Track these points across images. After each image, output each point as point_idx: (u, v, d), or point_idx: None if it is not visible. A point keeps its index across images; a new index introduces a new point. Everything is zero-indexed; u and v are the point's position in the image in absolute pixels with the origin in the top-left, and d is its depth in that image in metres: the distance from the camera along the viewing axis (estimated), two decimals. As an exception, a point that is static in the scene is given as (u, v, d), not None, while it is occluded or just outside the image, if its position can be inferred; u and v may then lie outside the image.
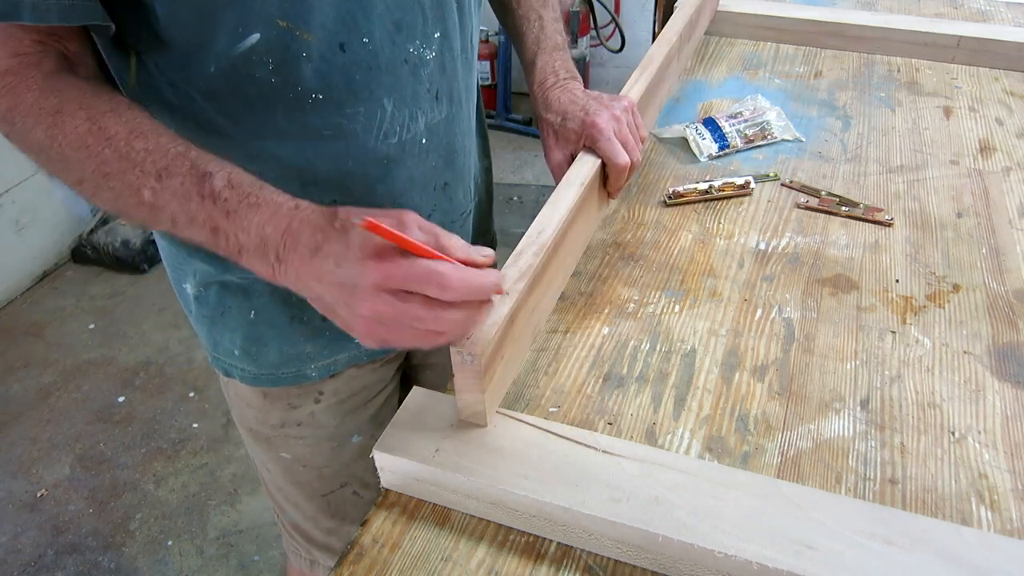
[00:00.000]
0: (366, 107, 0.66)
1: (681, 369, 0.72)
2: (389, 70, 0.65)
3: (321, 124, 0.65)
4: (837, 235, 0.89)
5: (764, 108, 1.10)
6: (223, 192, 0.54)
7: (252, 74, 0.61)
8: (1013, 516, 0.59)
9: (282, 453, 0.88)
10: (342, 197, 0.69)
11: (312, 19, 0.59)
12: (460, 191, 0.80)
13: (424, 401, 0.64)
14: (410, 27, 0.65)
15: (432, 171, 0.74)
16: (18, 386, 2.19)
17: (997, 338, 0.75)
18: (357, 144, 0.67)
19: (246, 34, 0.59)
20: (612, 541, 0.56)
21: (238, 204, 0.54)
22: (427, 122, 0.71)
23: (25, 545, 1.76)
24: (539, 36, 0.86)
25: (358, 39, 0.62)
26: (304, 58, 0.61)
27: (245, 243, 0.54)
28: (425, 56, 0.68)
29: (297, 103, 0.63)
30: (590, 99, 0.81)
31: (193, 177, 0.54)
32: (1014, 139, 1.07)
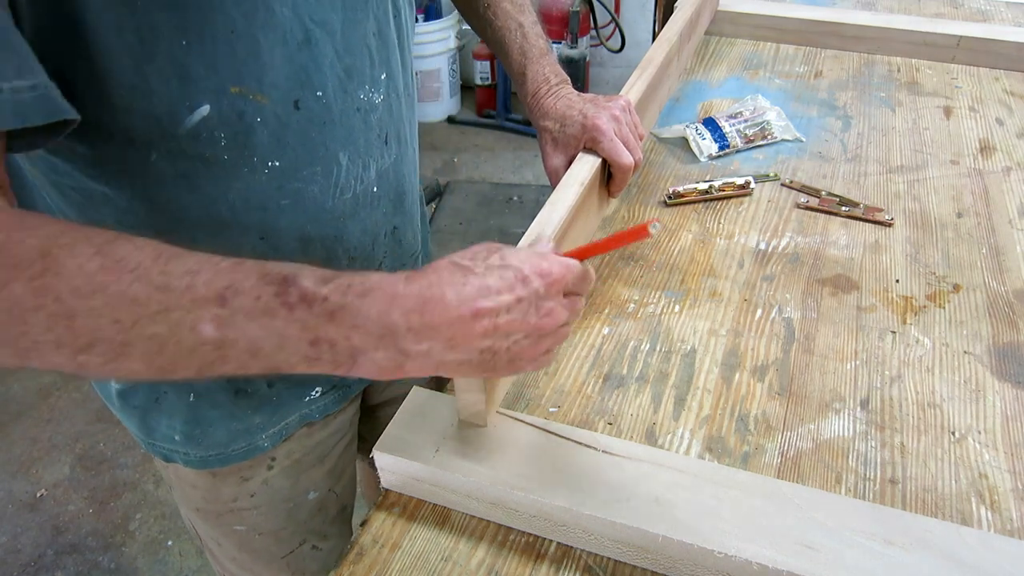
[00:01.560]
0: (323, 165, 0.62)
1: (681, 369, 0.72)
2: (342, 121, 0.61)
3: (278, 193, 0.60)
4: (837, 235, 0.89)
5: (764, 108, 1.10)
6: (319, 291, 0.43)
7: (201, 153, 0.54)
8: (1013, 516, 0.59)
9: (236, 527, 0.83)
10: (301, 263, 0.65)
11: (265, 79, 0.54)
12: (409, 233, 0.77)
13: (424, 401, 0.64)
14: (359, 72, 0.61)
15: (383, 217, 0.71)
16: (18, 386, 2.19)
17: (997, 338, 0.75)
18: (316, 206, 0.63)
19: (194, 107, 0.51)
20: (612, 541, 0.56)
21: (343, 298, 0.43)
22: (378, 169, 0.67)
23: (25, 545, 1.76)
24: (523, 45, 0.84)
25: (311, 93, 0.58)
26: (259, 123, 0.55)
27: (361, 344, 0.44)
28: (374, 100, 0.64)
29: (252, 176, 0.58)
30: (586, 102, 0.81)
31: (273, 286, 0.43)
32: (1014, 139, 1.07)
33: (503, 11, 0.84)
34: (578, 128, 0.79)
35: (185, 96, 0.51)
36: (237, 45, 0.51)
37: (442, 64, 3.32)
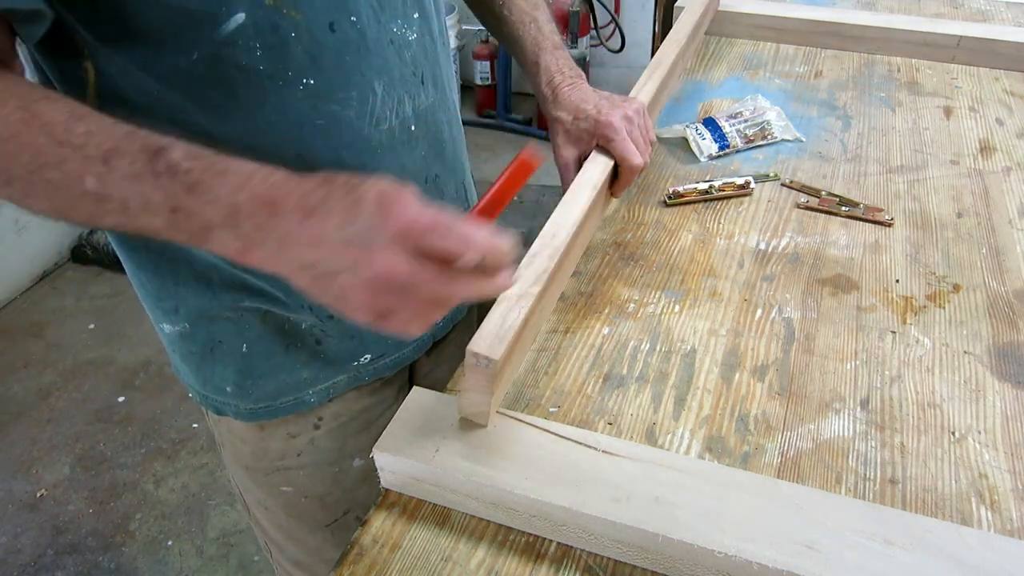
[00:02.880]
0: (358, 91, 0.63)
1: (681, 369, 0.72)
2: (377, 51, 0.63)
3: (314, 113, 0.62)
4: (837, 235, 0.89)
5: (764, 108, 1.10)
6: (182, 164, 0.47)
7: (238, 61, 0.57)
8: (1013, 516, 0.59)
9: (283, 487, 0.85)
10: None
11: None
12: (451, 185, 0.78)
13: (424, 401, 0.64)
14: (391, 5, 0.64)
15: (422, 161, 0.73)
16: (18, 386, 2.19)
17: (997, 338, 0.75)
18: (351, 131, 0.65)
19: (230, 14, 0.55)
20: (612, 541, 0.56)
21: (202, 174, 0.47)
22: (415, 107, 0.69)
23: (25, 545, 1.76)
24: (537, 37, 0.85)
25: (346, 18, 0.60)
26: (294, 39, 0.58)
27: (211, 218, 0.47)
28: (408, 36, 0.66)
29: (288, 91, 0.60)
30: (602, 98, 0.81)
31: (146, 154, 0.48)
32: (1014, 139, 1.07)
33: (517, 7, 0.85)
34: (591, 123, 0.80)
35: (222, 3, 0.54)
36: None
37: (442, 64, 3.32)
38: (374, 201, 0.45)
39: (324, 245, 0.46)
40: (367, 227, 0.45)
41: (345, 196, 0.46)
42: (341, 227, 0.45)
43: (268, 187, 0.47)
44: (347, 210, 0.45)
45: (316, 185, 0.47)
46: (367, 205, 0.45)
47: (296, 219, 0.46)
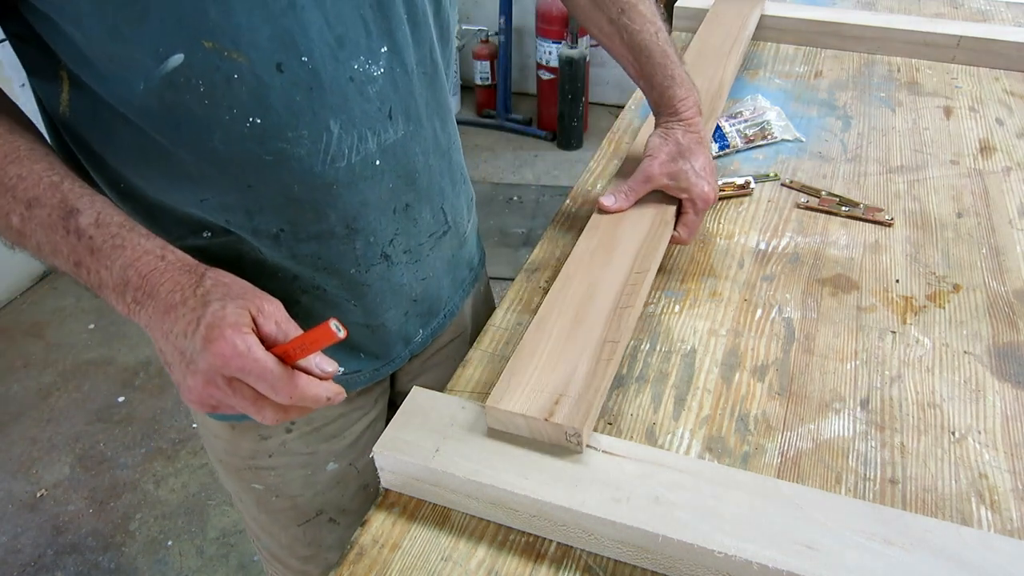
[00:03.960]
0: (310, 130, 0.61)
1: (681, 369, 0.72)
2: (333, 89, 0.61)
3: (261, 150, 0.61)
4: (837, 235, 0.89)
5: (764, 108, 1.10)
6: (88, 230, 0.55)
7: (181, 97, 0.57)
8: (1013, 516, 0.59)
9: (254, 484, 0.85)
10: (290, 225, 0.66)
11: (242, 39, 0.55)
12: (426, 212, 0.75)
13: (424, 401, 0.64)
14: (353, 42, 0.61)
15: (390, 193, 0.70)
16: (18, 386, 2.19)
17: (997, 338, 0.75)
18: (303, 169, 0.63)
19: (169, 55, 0.55)
20: (612, 541, 0.56)
21: (103, 243, 0.55)
22: (380, 143, 0.66)
23: (25, 545, 1.76)
24: (666, 48, 0.83)
25: (295, 58, 0.58)
26: (237, 80, 0.57)
27: (106, 279, 0.55)
28: (372, 73, 0.63)
29: (234, 128, 0.59)
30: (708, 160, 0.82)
31: (61, 211, 0.55)
32: (1014, 139, 1.07)
33: (640, 14, 0.83)
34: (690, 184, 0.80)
35: (157, 44, 0.54)
36: (207, 4, 0.53)
37: (442, 64, 3.31)
38: (203, 330, 0.51)
39: (169, 341, 0.53)
40: (194, 349, 0.51)
41: (191, 311, 0.52)
42: (181, 336, 0.52)
43: (150, 271, 0.54)
44: (188, 324, 0.52)
45: (185, 284, 0.54)
46: (199, 331, 0.51)
47: (159, 310, 0.53)
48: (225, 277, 0.55)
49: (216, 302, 0.52)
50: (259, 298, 0.54)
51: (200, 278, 0.54)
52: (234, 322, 0.51)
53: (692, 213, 0.81)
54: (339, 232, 0.68)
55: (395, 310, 0.77)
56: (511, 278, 0.91)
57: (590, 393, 0.61)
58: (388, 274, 0.74)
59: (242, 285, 0.55)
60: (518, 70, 3.47)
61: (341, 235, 0.68)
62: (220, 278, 0.55)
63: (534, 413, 0.59)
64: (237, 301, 0.53)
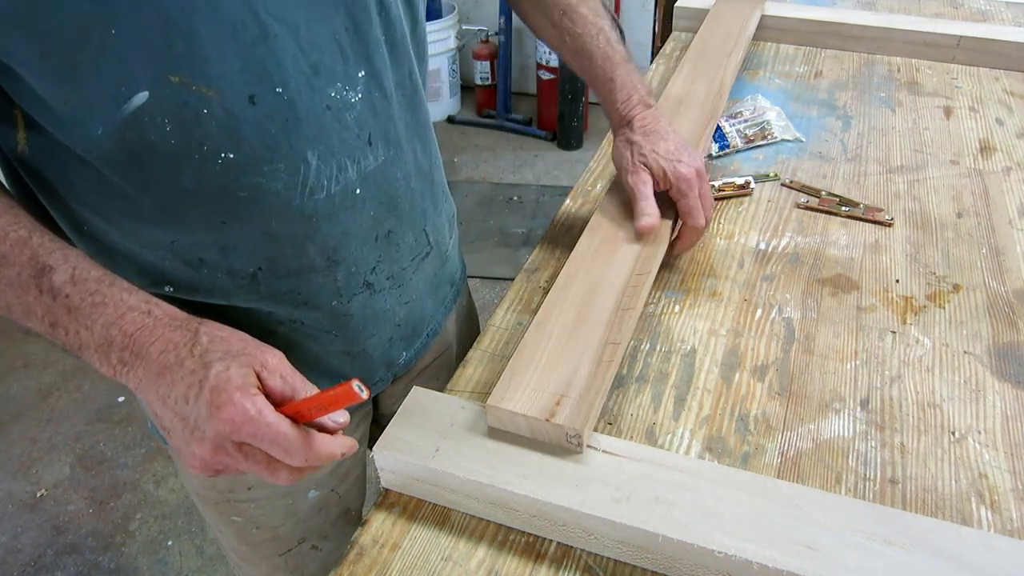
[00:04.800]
0: (287, 163, 0.58)
1: (681, 369, 0.72)
2: (310, 119, 0.58)
3: (235, 186, 0.58)
4: (837, 235, 0.89)
5: (764, 108, 1.10)
6: (64, 288, 0.51)
7: (146, 137, 0.53)
8: (1013, 516, 0.59)
9: (233, 517, 0.82)
10: (268, 262, 0.64)
11: (211, 71, 0.52)
12: (409, 237, 0.73)
13: (424, 401, 0.64)
14: (329, 69, 0.58)
15: (371, 220, 0.67)
16: (18, 386, 2.19)
17: (997, 338, 0.75)
18: (280, 203, 0.60)
19: (131, 93, 0.51)
20: (612, 541, 0.56)
21: (81, 302, 0.51)
22: (360, 171, 0.63)
23: (25, 545, 1.76)
24: (607, 50, 0.80)
25: (269, 90, 0.55)
26: (206, 115, 0.53)
27: (87, 340, 0.51)
28: (350, 99, 0.60)
29: (205, 165, 0.56)
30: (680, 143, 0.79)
31: (32, 269, 0.51)
32: (1014, 139, 1.07)
33: (582, 17, 0.80)
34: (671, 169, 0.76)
35: (120, 82, 0.50)
36: (173, 37, 0.50)
37: (442, 64, 3.32)
38: (208, 395, 0.48)
39: (167, 406, 0.50)
40: (199, 415, 0.48)
41: (191, 374, 0.49)
42: (182, 400, 0.49)
43: (137, 329, 0.51)
44: (188, 388, 0.49)
45: (179, 343, 0.51)
46: (203, 395, 0.48)
47: (151, 373, 0.50)
48: (221, 331, 0.52)
49: (218, 362, 0.49)
50: (261, 352, 0.51)
51: (195, 335, 0.51)
52: (240, 384, 0.48)
53: (680, 198, 0.77)
54: (319, 265, 0.65)
55: (378, 336, 0.75)
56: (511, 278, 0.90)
57: (591, 394, 0.61)
58: (371, 302, 0.72)
59: (241, 338, 0.53)
60: (518, 70, 3.47)
61: (321, 268, 0.66)
62: (216, 332, 0.52)
63: (535, 413, 0.59)
64: (240, 359, 0.50)
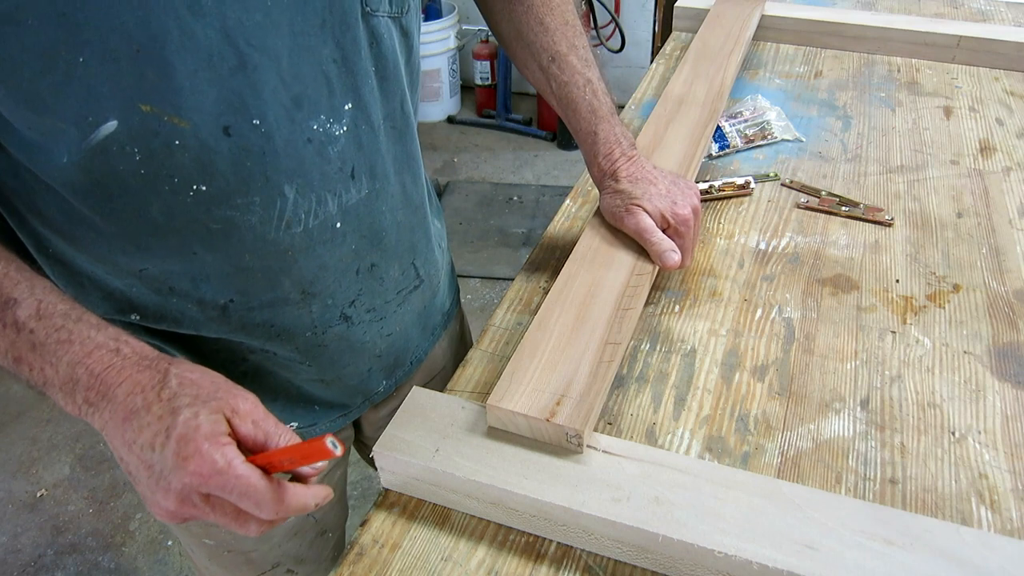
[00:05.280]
0: (262, 196, 0.56)
1: (681, 369, 0.72)
2: (288, 152, 0.55)
3: (206, 217, 0.56)
4: (837, 235, 0.89)
5: (764, 108, 1.10)
6: (28, 323, 0.49)
7: (114, 166, 0.51)
8: (1013, 516, 0.59)
9: (204, 540, 0.80)
10: (240, 295, 0.62)
11: (184, 102, 0.50)
12: (394, 270, 0.70)
13: (424, 401, 0.64)
14: (312, 101, 0.55)
15: (352, 254, 0.65)
16: (18, 386, 2.18)
17: (997, 338, 0.75)
18: (254, 236, 0.58)
19: (100, 122, 0.49)
20: (612, 541, 0.56)
21: (46, 338, 0.49)
22: (341, 204, 0.61)
23: (25, 545, 1.76)
24: (593, 103, 0.78)
25: (246, 121, 0.52)
26: (178, 146, 0.51)
27: (51, 378, 0.49)
28: (333, 132, 0.58)
29: (175, 197, 0.54)
30: (669, 182, 0.77)
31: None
32: (1014, 139, 1.07)
33: (570, 66, 0.77)
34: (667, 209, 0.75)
35: (87, 111, 0.48)
36: (144, 66, 0.48)
37: (442, 64, 3.32)
38: (175, 444, 0.46)
39: (132, 452, 0.48)
40: (165, 465, 0.46)
41: (158, 420, 0.47)
42: (148, 448, 0.47)
43: (104, 368, 0.49)
44: (155, 435, 0.47)
45: (147, 385, 0.48)
46: (170, 444, 0.46)
47: (117, 416, 0.48)
48: (192, 372, 0.50)
49: (187, 408, 0.47)
50: (233, 396, 0.49)
51: (164, 376, 0.49)
52: (209, 433, 0.46)
53: (677, 238, 0.75)
54: (293, 298, 0.63)
55: (354, 366, 0.73)
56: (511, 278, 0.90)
57: (591, 394, 0.61)
58: (347, 334, 0.69)
59: (212, 380, 0.50)
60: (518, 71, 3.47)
61: (296, 300, 0.64)
62: (187, 375, 0.50)
63: (535, 413, 0.59)
64: (209, 404, 0.48)
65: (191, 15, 0.47)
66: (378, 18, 0.58)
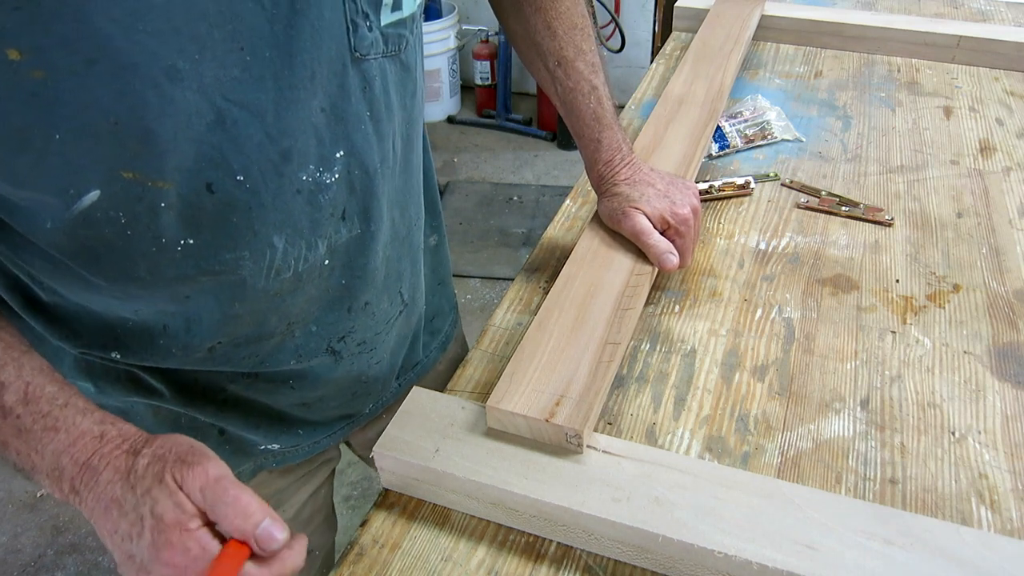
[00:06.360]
0: (251, 250, 0.55)
1: (681, 369, 0.72)
2: (277, 205, 0.54)
3: (195, 271, 0.54)
4: (837, 235, 0.89)
5: (764, 108, 1.10)
6: (15, 408, 0.50)
7: (99, 232, 0.50)
8: (1013, 516, 0.59)
9: None
10: (228, 338, 0.61)
11: (166, 165, 0.48)
12: (384, 301, 0.70)
13: (424, 401, 0.64)
14: (301, 153, 0.53)
15: (342, 289, 0.64)
16: (18, 386, 2.19)
17: (997, 338, 0.75)
18: (243, 288, 0.57)
19: (82, 193, 0.47)
20: (612, 541, 0.56)
21: (32, 424, 0.50)
22: (331, 245, 0.60)
23: (25, 545, 1.76)
24: (597, 111, 0.78)
25: (229, 177, 0.51)
26: (163, 208, 0.50)
27: (38, 464, 0.50)
28: (324, 180, 0.56)
29: (162, 254, 0.52)
30: (667, 183, 0.78)
31: None
32: (1014, 139, 1.07)
33: (576, 71, 0.78)
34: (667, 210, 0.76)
35: (67, 184, 0.47)
36: (124, 136, 0.46)
37: (442, 64, 3.32)
38: (150, 535, 0.46)
39: (114, 542, 0.49)
40: (144, 556, 0.47)
41: (132, 510, 0.47)
42: (127, 539, 0.48)
43: (88, 456, 0.49)
44: (131, 525, 0.47)
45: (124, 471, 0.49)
46: (145, 535, 0.47)
47: (100, 506, 0.49)
48: (162, 447, 0.50)
49: (151, 492, 0.47)
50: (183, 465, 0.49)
51: (135, 458, 0.49)
52: (174, 521, 0.46)
53: (678, 238, 0.76)
54: (279, 330, 0.63)
55: (338, 393, 0.72)
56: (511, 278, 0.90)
57: (591, 395, 0.61)
58: (334, 365, 0.69)
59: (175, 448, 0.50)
60: (518, 70, 3.47)
61: (280, 331, 0.63)
62: (157, 452, 0.49)
63: (535, 414, 0.59)
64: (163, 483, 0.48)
65: (168, 81, 0.45)
66: (370, 61, 0.55)
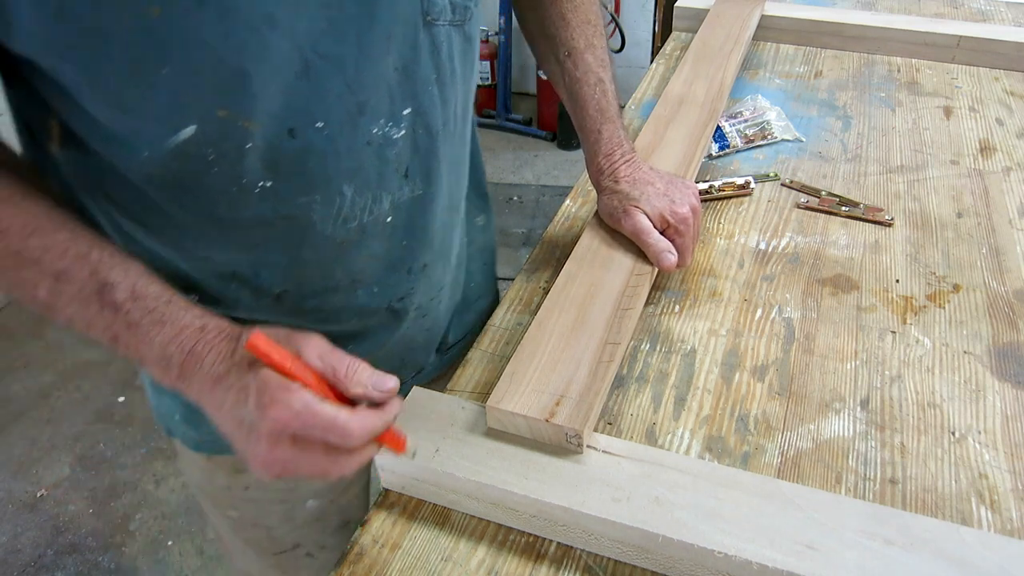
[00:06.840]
0: (322, 195, 0.60)
1: (681, 369, 0.72)
2: (349, 154, 0.59)
3: (270, 213, 0.59)
4: (837, 235, 0.89)
5: (764, 108, 1.10)
6: (125, 304, 0.53)
7: (189, 166, 0.54)
8: (1013, 516, 0.59)
9: (229, 512, 0.83)
10: (295, 285, 0.66)
11: (256, 107, 0.53)
12: (439, 267, 0.74)
13: (424, 401, 0.64)
14: (374, 108, 0.58)
15: (403, 250, 0.68)
16: (18, 386, 2.19)
17: (997, 338, 0.75)
18: (313, 232, 0.62)
19: (181, 126, 0.52)
20: (612, 541, 0.56)
21: (141, 318, 0.53)
22: (393, 202, 0.64)
23: (25, 545, 1.76)
24: (601, 103, 0.79)
25: (309, 125, 0.56)
26: (248, 149, 0.54)
27: (146, 355, 0.53)
28: (391, 135, 0.61)
29: (243, 193, 0.57)
30: (666, 182, 0.78)
31: (93, 284, 0.52)
32: (1014, 139, 1.07)
33: (584, 63, 0.79)
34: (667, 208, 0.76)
35: (169, 116, 0.51)
36: (223, 76, 0.50)
37: (442, 64, 3.31)
38: (255, 395, 0.49)
39: (223, 413, 0.52)
40: (251, 417, 0.50)
41: (239, 379, 0.51)
42: (235, 406, 0.51)
43: (193, 343, 0.52)
44: (238, 392, 0.50)
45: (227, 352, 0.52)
46: (251, 398, 0.49)
47: (207, 384, 0.52)
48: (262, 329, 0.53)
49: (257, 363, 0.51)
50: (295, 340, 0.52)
51: (236, 341, 0.53)
52: (277, 383, 0.49)
53: (677, 237, 0.76)
54: (343, 285, 0.67)
55: (388, 358, 0.75)
56: (511, 278, 0.90)
57: (591, 395, 0.61)
58: (394, 326, 0.73)
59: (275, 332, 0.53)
60: (518, 70, 3.47)
61: (344, 287, 0.67)
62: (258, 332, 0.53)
63: (535, 414, 0.59)
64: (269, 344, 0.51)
65: (267, 27, 0.50)
66: (439, 27, 0.60)
